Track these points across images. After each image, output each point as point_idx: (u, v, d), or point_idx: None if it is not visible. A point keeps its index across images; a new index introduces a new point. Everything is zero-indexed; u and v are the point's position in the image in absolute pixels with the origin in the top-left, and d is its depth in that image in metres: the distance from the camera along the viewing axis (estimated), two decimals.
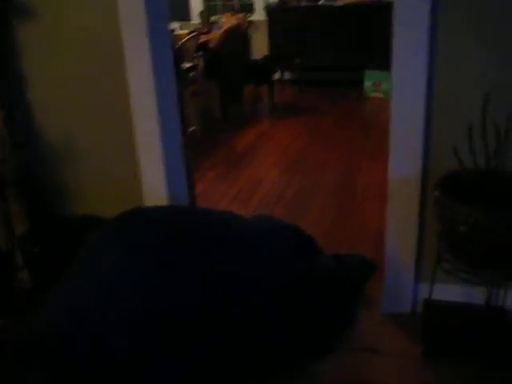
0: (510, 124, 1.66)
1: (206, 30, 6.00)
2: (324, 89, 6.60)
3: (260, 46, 6.86)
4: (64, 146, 2.40)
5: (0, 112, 2.34)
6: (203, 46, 5.11)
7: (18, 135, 2.40)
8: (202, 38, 5.28)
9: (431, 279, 1.90)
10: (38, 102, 2.37)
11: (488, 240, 1.61)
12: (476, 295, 2.00)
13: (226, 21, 6.34)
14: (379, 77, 5.83)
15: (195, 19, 7.14)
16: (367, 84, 6.08)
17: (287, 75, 7.10)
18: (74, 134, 2.37)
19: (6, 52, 2.30)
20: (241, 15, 6.60)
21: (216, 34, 5.54)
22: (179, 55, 3.66)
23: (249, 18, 6.95)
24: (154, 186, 2.27)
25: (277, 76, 6.92)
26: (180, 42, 4.39)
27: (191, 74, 4.77)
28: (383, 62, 1.82)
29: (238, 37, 5.88)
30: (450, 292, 2.05)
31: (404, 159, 1.94)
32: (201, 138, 4.76)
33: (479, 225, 1.59)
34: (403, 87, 1.86)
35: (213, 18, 6.93)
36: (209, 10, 7.03)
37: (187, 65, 4.07)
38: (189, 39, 4.59)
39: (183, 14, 7.18)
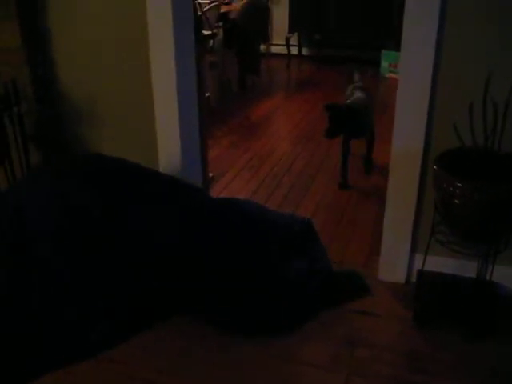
0: (508, 104, 1.74)
1: (227, 0, 6.04)
2: (342, 66, 6.62)
3: (280, 20, 6.88)
4: (85, 104, 2.50)
5: (25, 68, 2.44)
6: (224, 17, 5.16)
7: (41, 91, 2.51)
8: (223, 9, 5.33)
9: (426, 250, 2.00)
10: (62, 60, 2.47)
11: (480, 213, 1.71)
12: (468, 268, 2.08)
13: None
14: (396, 58, 5.84)
15: None
16: (384, 64, 6.11)
17: (306, 51, 7.11)
18: (96, 93, 2.46)
19: (32, 9, 2.38)
20: None
21: (237, 5, 5.59)
22: (200, 23, 3.72)
23: None
24: (169, 144, 2.38)
25: (295, 51, 6.95)
26: (202, 10, 4.44)
27: (210, 44, 4.83)
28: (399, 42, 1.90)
29: (259, 9, 5.91)
30: (443, 264, 2.14)
31: (407, 134, 2.02)
32: (216, 106, 4.84)
33: (473, 198, 1.69)
34: (411, 64, 1.93)
35: None
36: None
37: (206, 33, 4.12)
38: (210, 8, 4.64)
39: None
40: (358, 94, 3.23)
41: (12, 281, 1.89)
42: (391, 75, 5.95)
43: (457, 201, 1.72)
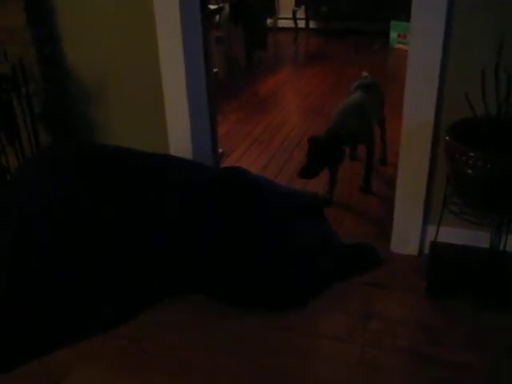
0: None
1: None
2: (350, 39, 6.55)
3: None
4: (92, 82, 2.49)
5: (32, 47, 2.43)
6: None
7: (48, 70, 2.50)
8: None
9: (438, 221, 1.99)
10: (69, 38, 2.45)
11: (493, 183, 1.69)
12: (480, 239, 2.07)
13: None
14: (405, 28, 5.76)
15: None
16: (393, 35, 6.03)
17: (313, 24, 7.03)
18: (103, 70, 2.45)
19: None
20: None
21: None
22: None
23: None
24: (178, 121, 2.37)
25: (302, 25, 6.87)
26: None
27: (216, 19, 4.79)
28: (410, 13, 1.87)
29: None
30: (456, 235, 2.13)
31: (418, 104, 2.00)
32: (224, 82, 4.81)
33: (485, 168, 1.67)
34: (421, 32, 1.90)
35: None
36: None
37: (212, 7, 4.08)
38: None
39: None
40: (355, 97, 2.85)
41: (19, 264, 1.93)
42: (400, 46, 5.88)
43: (469, 171, 1.70)
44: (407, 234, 2.23)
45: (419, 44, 1.93)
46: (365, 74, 3.24)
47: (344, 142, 2.61)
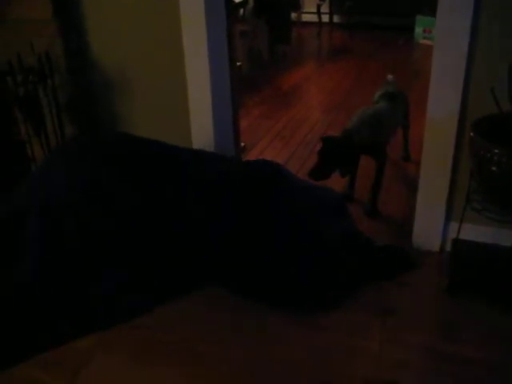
0: None
1: None
2: (374, 33, 6.50)
3: None
4: (117, 73, 2.51)
5: (58, 39, 2.46)
6: None
7: (74, 62, 2.53)
8: None
9: (461, 218, 1.97)
10: (94, 29, 2.48)
11: None
12: (503, 237, 2.06)
13: None
14: (431, 23, 5.70)
15: None
16: (418, 30, 5.97)
17: (337, 18, 6.99)
18: (128, 64, 2.47)
19: None
20: None
21: None
22: None
23: None
24: (201, 113, 2.38)
25: (326, 19, 6.83)
26: None
27: (240, 12, 4.79)
28: (436, 7, 1.84)
29: None
30: (478, 233, 2.12)
31: (443, 99, 1.98)
32: (247, 76, 4.82)
33: (510, 165, 1.65)
34: (447, 27, 1.88)
35: None
36: None
37: (237, 0, 4.08)
38: None
39: None
40: (377, 109, 2.70)
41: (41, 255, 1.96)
42: (425, 41, 5.82)
43: (494, 168, 1.69)
44: (429, 231, 2.21)
45: (445, 41, 1.91)
46: (390, 77, 3.10)
47: (356, 149, 2.52)
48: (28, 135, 2.47)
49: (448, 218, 2.17)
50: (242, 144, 3.11)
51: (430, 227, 2.20)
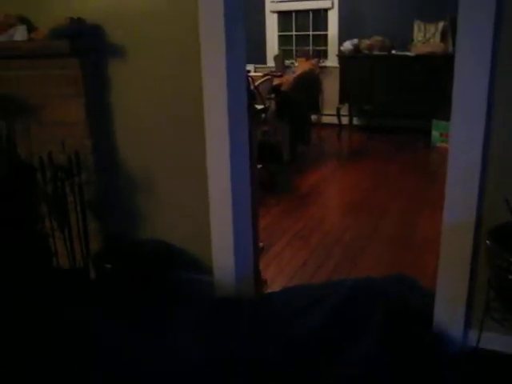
0: None
1: (279, 73, 6.25)
2: (392, 136, 6.66)
3: (331, 91, 7.03)
4: (140, 177, 2.62)
5: (88, 140, 2.58)
6: (276, 89, 5.32)
7: (101, 162, 2.64)
8: (276, 81, 5.51)
9: (480, 328, 1.93)
10: (121, 135, 2.61)
11: None
12: None
13: (300, 65, 6.58)
14: (447, 127, 5.84)
15: (270, 62, 7.43)
16: (435, 133, 6.11)
17: (356, 121, 7.21)
18: (151, 168, 2.58)
19: (98, 87, 2.55)
20: (314, 61, 6.82)
21: (289, 78, 5.76)
22: (253, 96, 3.86)
23: (321, 64, 7.17)
24: (221, 216, 2.44)
25: (346, 121, 7.05)
26: (255, 84, 4.61)
27: (263, 116, 4.97)
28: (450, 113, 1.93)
29: (310, 81, 6.08)
30: (499, 342, 2.07)
31: (459, 207, 2.01)
32: (268, 175, 4.92)
33: None
34: (461, 136, 1.94)
35: (287, 62, 7.20)
36: (283, 55, 7.32)
37: (259, 107, 4.26)
38: (263, 82, 4.80)
39: (260, 58, 7.49)
40: None
41: None
42: (442, 145, 5.94)
43: (511, 277, 1.68)
44: (447, 338, 2.16)
45: (459, 145, 1.96)
46: None
47: None
48: (52, 229, 2.53)
49: (467, 326, 2.13)
50: (261, 244, 3.13)
51: (448, 335, 2.15)
